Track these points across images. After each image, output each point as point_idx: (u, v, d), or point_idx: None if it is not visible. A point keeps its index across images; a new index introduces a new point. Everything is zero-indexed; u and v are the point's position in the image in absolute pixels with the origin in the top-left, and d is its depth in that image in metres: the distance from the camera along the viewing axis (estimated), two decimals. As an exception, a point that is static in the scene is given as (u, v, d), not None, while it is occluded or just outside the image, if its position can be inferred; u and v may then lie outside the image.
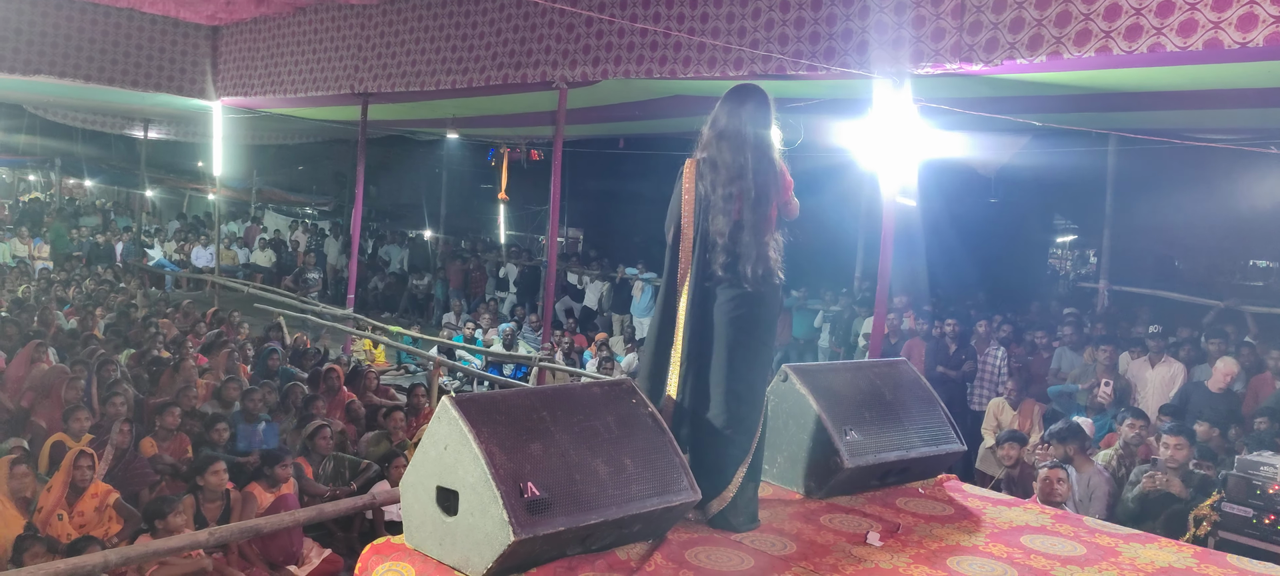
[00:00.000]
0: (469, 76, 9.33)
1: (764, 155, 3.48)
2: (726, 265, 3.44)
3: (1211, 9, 4.86)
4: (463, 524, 2.85)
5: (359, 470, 7.25)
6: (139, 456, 6.77)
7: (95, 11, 12.08)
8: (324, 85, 11.41)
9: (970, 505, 4.00)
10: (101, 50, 12.29)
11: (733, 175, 3.45)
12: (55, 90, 13.88)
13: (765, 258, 3.44)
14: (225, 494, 6.25)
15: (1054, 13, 5.41)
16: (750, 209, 3.43)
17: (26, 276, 14.59)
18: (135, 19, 12.42)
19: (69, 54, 12.04)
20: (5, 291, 13.04)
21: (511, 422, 2.98)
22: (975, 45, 5.78)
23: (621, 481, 3.04)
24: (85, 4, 11.94)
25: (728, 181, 3.45)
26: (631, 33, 7.81)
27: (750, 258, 3.42)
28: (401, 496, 3.12)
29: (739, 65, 7.07)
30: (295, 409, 8.10)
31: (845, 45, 6.43)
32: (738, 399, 3.49)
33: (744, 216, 3.44)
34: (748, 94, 3.55)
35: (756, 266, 3.43)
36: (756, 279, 3.43)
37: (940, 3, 5.91)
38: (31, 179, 28.26)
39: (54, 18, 11.85)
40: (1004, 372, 9.69)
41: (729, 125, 3.51)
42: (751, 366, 3.51)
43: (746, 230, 3.43)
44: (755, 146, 3.47)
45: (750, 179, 3.44)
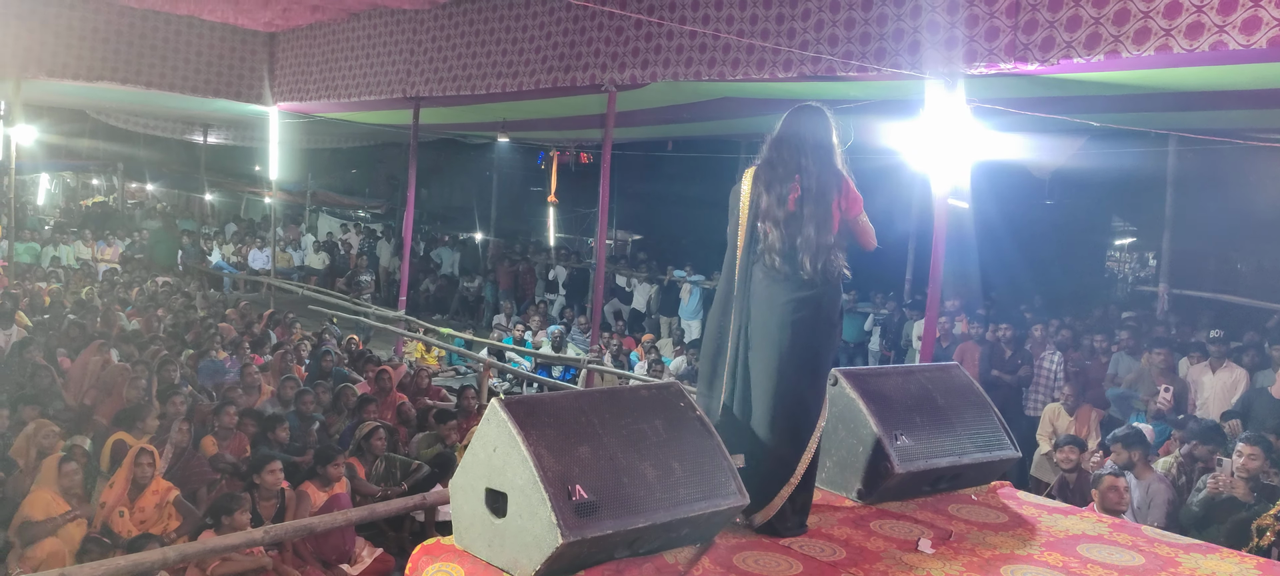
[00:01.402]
0: (519, 80, 9.39)
1: (823, 156, 3.47)
2: (784, 256, 3.40)
3: (1275, 5, 4.73)
4: (511, 526, 2.87)
5: (410, 471, 7.32)
6: (198, 454, 6.91)
7: (156, 19, 12.37)
8: (377, 89, 11.56)
9: (1025, 513, 3.93)
10: (162, 57, 12.57)
11: (789, 171, 3.45)
12: (118, 96, 14.25)
13: (825, 252, 3.38)
14: (280, 493, 6.35)
15: (1112, 11, 5.30)
16: (810, 202, 3.40)
17: (90, 278, 14.97)
18: (195, 26, 12.70)
19: (131, 60, 12.35)
20: (70, 293, 13.40)
21: (560, 425, 2.99)
22: (1031, 44, 5.69)
23: (669, 485, 3.04)
24: (147, 12, 12.23)
25: (783, 178, 3.45)
26: (680, 35, 7.80)
27: (809, 249, 3.37)
28: (451, 497, 3.15)
29: (788, 67, 7.03)
30: (348, 409, 8.21)
31: (896, 46, 6.37)
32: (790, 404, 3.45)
33: (803, 210, 3.40)
34: (807, 108, 3.58)
35: (815, 259, 3.37)
36: (814, 273, 3.37)
37: (994, 2, 5.82)
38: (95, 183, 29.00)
39: (116, 25, 12.16)
40: (1060, 378, 9.51)
41: (787, 133, 3.54)
42: (804, 370, 3.46)
43: (806, 223, 3.39)
44: (813, 147, 3.47)
45: (807, 176, 3.43)
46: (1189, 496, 6.24)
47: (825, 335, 3.50)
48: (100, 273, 15.91)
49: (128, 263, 17.37)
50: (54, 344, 9.42)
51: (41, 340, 9.29)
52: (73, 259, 16.68)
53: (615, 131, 9.47)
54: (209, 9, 11.99)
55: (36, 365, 8.23)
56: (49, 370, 8.20)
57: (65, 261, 16.20)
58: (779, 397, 3.44)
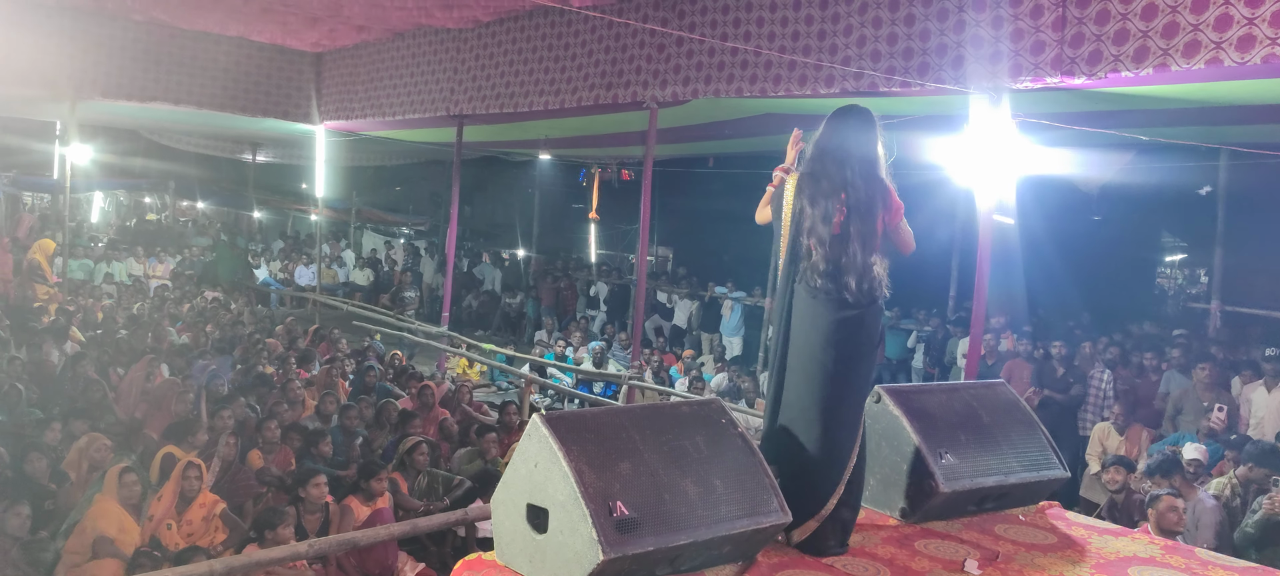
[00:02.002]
0: (561, 98, 9.45)
1: (868, 170, 3.40)
2: (828, 276, 3.34)
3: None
4: (552, 541, 2.87)
5: (452, 486, 7.35)
6: (245, 468, 7.00)
7: (207, 40, 12.64)
8: (421, 107, 11.69)
9: (1074, 534, 3.85)
10: (213, 77, 12.83)
11: (835, 185, 3.37)
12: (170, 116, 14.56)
13: (870, 272, 3.34)
14: (324, 506, 6.42)
15: (1161, 24, 5.22)
16: (857, 220, 3.34)
17: (142, 294, 15.28)
18: (244, 47, 12.95)
19: (183, 81, 12.61)
20: (122, 308, 13.68)
21: (600, 441, 2.98)
22: (1077, 58, 5.61)
23: (711, 502, 3.02)
24: (198, 33, 12.50)
25: (827, 194, 3.37)
26: (722, 52, 7.81)
27: (854, 270, 3.32)
28: (493, 513, 3.15)
29: (830, 83, 7.00)
30: (390, 424, 8.28)
31: (940, 61, 6.32)
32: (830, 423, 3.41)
33: (848, 228, 3.34)
34: (851, 111, 3.50)
35: (861, 281, 3.32)
36: (859, 293, 3.33)
37: (1040, 15, 5.75)
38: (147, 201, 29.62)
39: (168, 47, 12.44)
40: (1110, 396, 9.33)
41: (831, 141, 3.45)
42: (847, 388, 3.41)
43: (852, 242, 3.33)
44: (859, 161, 3.40)
45: (854, 192, 3.36)
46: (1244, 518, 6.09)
47: (867, 355, 3.45)
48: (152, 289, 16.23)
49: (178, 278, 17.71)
50: (106, 359, 9.61)
51: (94, 355, 9.48)
52: (125, 275, 17.04)
53: (657, 148, 9.48)
54: (258, 30, 12.22)
55: (89, 379, 8.40)
56: (101, 384, 8.36)
57: (118, 278, 16.55)
58: (820, 416, 3.40)
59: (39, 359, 9.32)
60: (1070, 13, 5.62)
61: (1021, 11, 5.85)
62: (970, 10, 6.12)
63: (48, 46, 11.57)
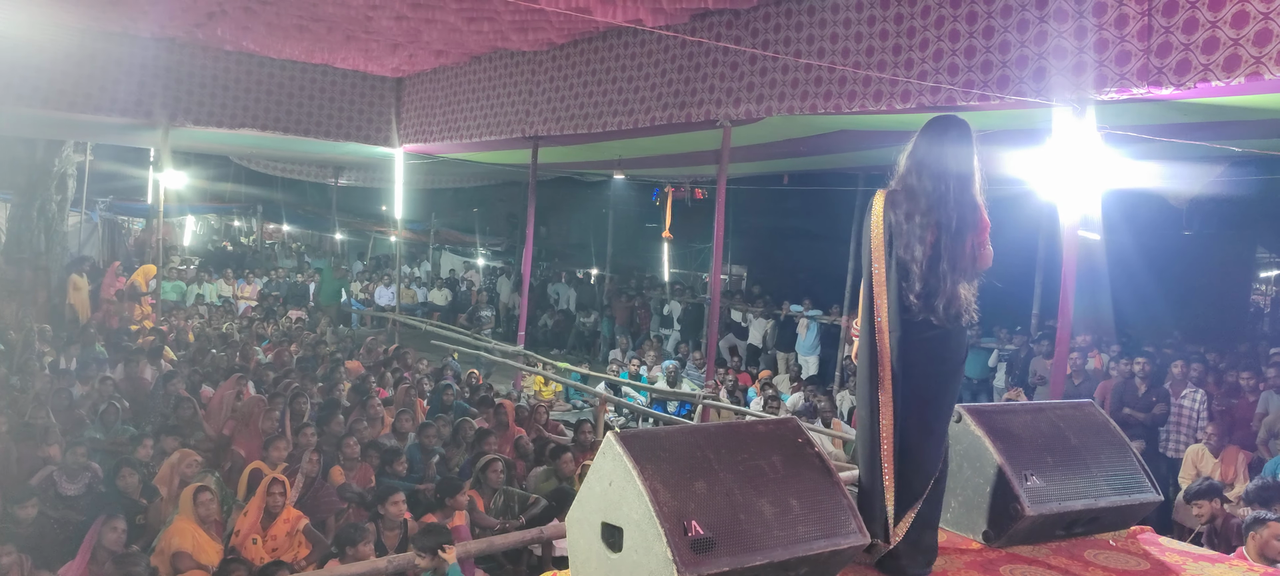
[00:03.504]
0: (635, 117, 9.49)
1: (962, 188, 3.28)
2: (921, 297, 3.25)
3: None
4: (627, 560, 2.86)
5: (527, 504, 7.39)
6: (327, 484, 7.15)
7: (293, 68, 13.04)
8: (497, 129, 11.86)
9: (1168, 560, 3.71)
10: (299, 105, 13.23)
11: (931, 204, 3.26)
12: (257, 142, 15.04)
13: (957, 295, 3.24)
14: (403, 523, 6.51)
15: (1253, 31, 5.03)
16: (949, 239, 3.24)
17: (231, 315, 15.76)
18: (328, 74, 13.33)
19: (270, 108, 13.03)
20: (212, 328, 14.12)
21: (675, 460, 2.97)
22: (1165, 68, 5.44)
23: (787, 522, 2.98)
24: (284, 62, 12.91)
25: (925, 210, 3.26)
26: (795, 69, 7.76)
27: (943, 293, 3.23)
28: (567, 531, 3.16)
29: (906, 98, 6.91)
30: (467, 443, 8.37)
31: (1020, 73, 6.18)
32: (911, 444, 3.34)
33: (941, 247, 3.25)
34: (949, 123, 3.37)
35: (949, 304, 3.24)
36: (947, 315, 3.25)
37: (1125, 25, 5.59)
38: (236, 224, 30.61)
39: (256, 75, 12.86)
40: (1203, 417, 8.99)
41: (928, 154, 3.32)
42: (930, 408, 3.33)
43: (943, 261, 3.23)
44: (955, 177, 3.28)
45: (949, 209, 3.25)
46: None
47: (951, 376, 3.37)
48: (240, 309, 16.72)
49: (264, 299, 18.22)
50: (197, 377, 9.93)
51: (185, 373, 9.80)
52: (215, 296, 17.60)
53: (730, 166, 9.45)
54: (341, 58, 12.56)
55: (180, 397, 8.67)
56: (191, 402, 8.63)
57: (208, 299, 17.10)
58: (899, 437, 3.34)
59: (134, 377, 9.66)
60: (1156, 21, 5.45)
61: (1105, 21, 5.69)
62: (1052, 21, 5.98)
63: (143, 77, 12.06)
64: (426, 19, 9.75)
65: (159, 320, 13.59)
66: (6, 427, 7.34)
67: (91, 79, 11.69)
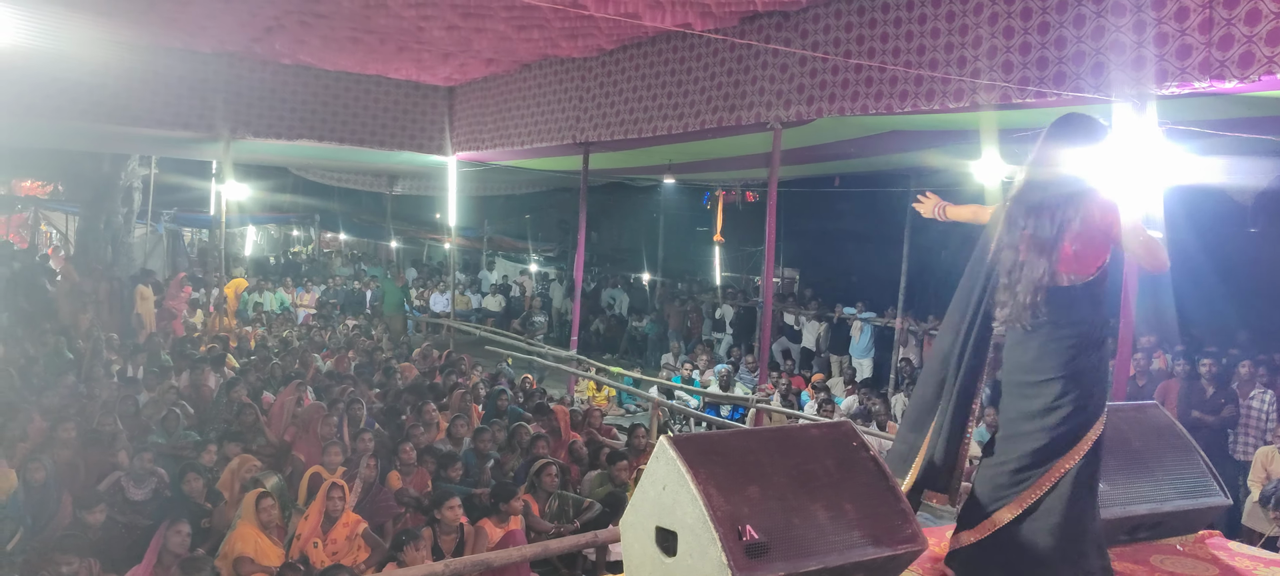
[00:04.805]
0: (685, 121, 9.49)
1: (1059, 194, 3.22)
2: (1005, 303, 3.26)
3: None
4: (681, 565, 2.86)
5: (582, 509, 7.42)
6: (385, 489, 7.24)
7: (348, 80, 13.26)
8: (548, 136, 11.93)
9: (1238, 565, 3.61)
10: (354, 115, 13.45)
11: (1028, 211, 3.25)
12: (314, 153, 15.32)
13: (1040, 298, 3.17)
14: (459, 527, 6.58)
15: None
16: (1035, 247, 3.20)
17: (290, 322, 16.06)
18: (382, 84, 13.53)
19: (326, 120, 13.26)
20: (273, 336, 14.40)
21: (729, 463, 2.97)
22: (1227, 61, 5.30)
23: (842, 526, 2.96)
24: (339, 73, 13.14)
25: (1023, 215, 3.26)
26: (846, 70, 7.70)
27: (1019, 300, 3.20)
28: (622, 535, 3.17)
29: (959, 97, 6.81)
30: (521, 448, 8.42)
31: (1077, 68, 6.07)
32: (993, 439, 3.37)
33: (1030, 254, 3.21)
34: (1060, 125, 3.33)
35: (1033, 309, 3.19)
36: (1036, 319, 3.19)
37: (1185, 17, 5.47)
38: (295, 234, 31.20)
39: (313, 87, 13.10)
40: (1273, 419, 8.73)
41: (1036, 159, 3.32)
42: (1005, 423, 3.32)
43: (1028, 270, 3.20)
44: (1053, 183, 3.24)
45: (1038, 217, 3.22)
46: None
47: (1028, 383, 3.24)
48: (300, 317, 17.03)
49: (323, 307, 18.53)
50: (258, 384, 10.13)
51: (248, 381, 10.00)
52: (276, 304, 17.94)
53: (781, 169, 9.40)
54: (394, 68, 12.75)
55: (242, 404, 8.85)
56: (253, 408, 8.80)
57: (268, 307, 17.43)
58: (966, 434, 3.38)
59: (198, 384, 9.88)
60: (1217, 14, 5.31)
61: (1165, 15, 5.57)
62: (1109, 16, 5.86)
63: (205, 91, 12.36)
64: (477, 28, 9.85)
65: (221, 328, 13.90)
66: (76, 435, 7.56)
67: (155, 94, 12.01)
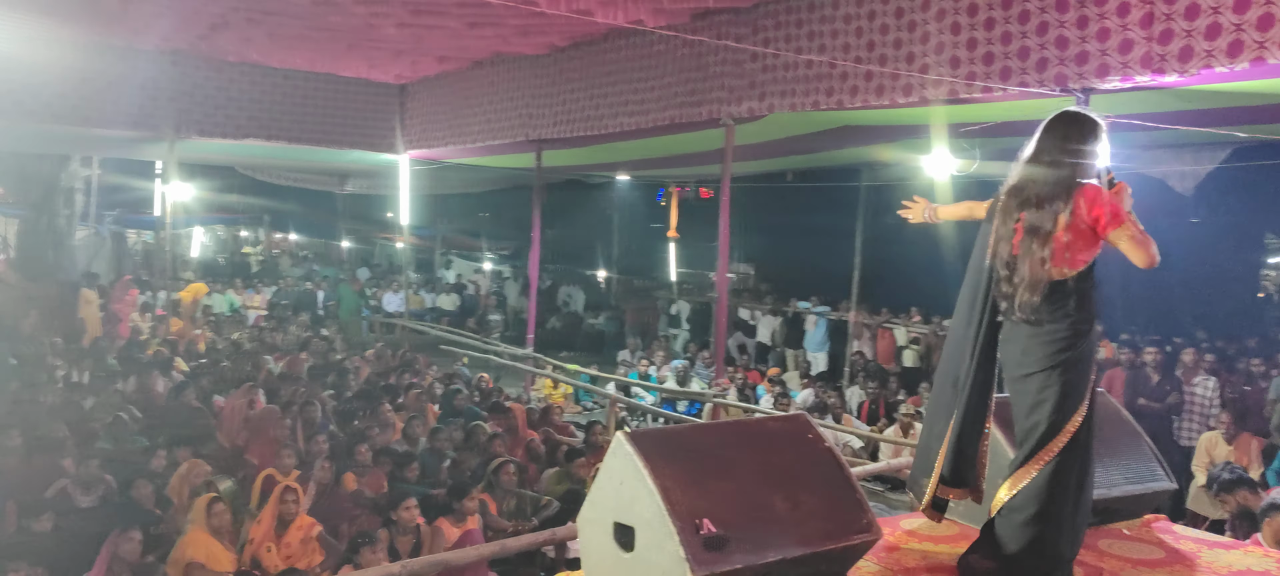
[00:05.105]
0: (638, 118, 9.51)
1: (1051, 186, 3.24)
2: (1004, 297, 3.29)
3: None
4: (639, 560, 2.86)
5: (540, 507, 7.41)
6: (340, 491, 7.17)
7: (297, 78, 13.08)
8: (501, 134, 11.88)
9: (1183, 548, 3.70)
10: (303, 113, 13.27)
11: (1021, 203, 3.29)
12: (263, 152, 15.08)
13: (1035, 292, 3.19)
14: (416, 528, 6.53)
15: (1255, 16, 5.01)
16: (1029, 240, 3.23)
17: (241, 324, 15.81)
18: (332, 82, 13.37)
19: (275, 118, 13.07)
20: (223, 338, 14.17)
21: (686, 457, 2.98)
22: (1167, 55, 5.43)
23: (798, 518, 2.99)
24: (288, 71, 12.95)
25: (1017, 208, 3.30)
26: (797, 65, 7.76)
27: (1019, 293, 3.22)
28: (579, 532, 3.17)
29: (908, 91, 6.90)
30: (478, 447, 8.39)
31: (1022, 63, 6.18)
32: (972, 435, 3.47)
33: (1022, 247, 3.24)
34: (1054, 122, 3.37)
35: (1026, 302, 3.22)
36: (1029, 313, 3.22)
37: (1127, 13, 5.59)
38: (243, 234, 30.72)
39: (261, 86, 12.91)
40: (1216, 405, 8.97)
41: (1035, 153, 3.34)
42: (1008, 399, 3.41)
43: (1022, 262, 3.23)
44: (1044, 179, 3.27)
45: (1031, 211, 3.25)
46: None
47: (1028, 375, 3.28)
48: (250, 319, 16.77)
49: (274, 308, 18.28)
50: (209, 388, 9.96)
51: (198, 384, 9.84)
52: (225, 306, 17.65)
53: (735, 165, 9.46)
54: (344, 66, 12.60)
55: (192, 408, 8.71)
56: (204, 412, 8.66)
57: (217, 310, 17.14)
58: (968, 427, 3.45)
59: (146, 389, 9.70)
60: (1158, 9, 5.44)
61: (1107, 10, 5.69)
62: (1053, 11, 5.97)
63: (149, 89, 12.11)
64: (428, 25, 9.77)
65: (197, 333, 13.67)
66: (21, 442, 7.38)
67: (99, 93, 11.74)
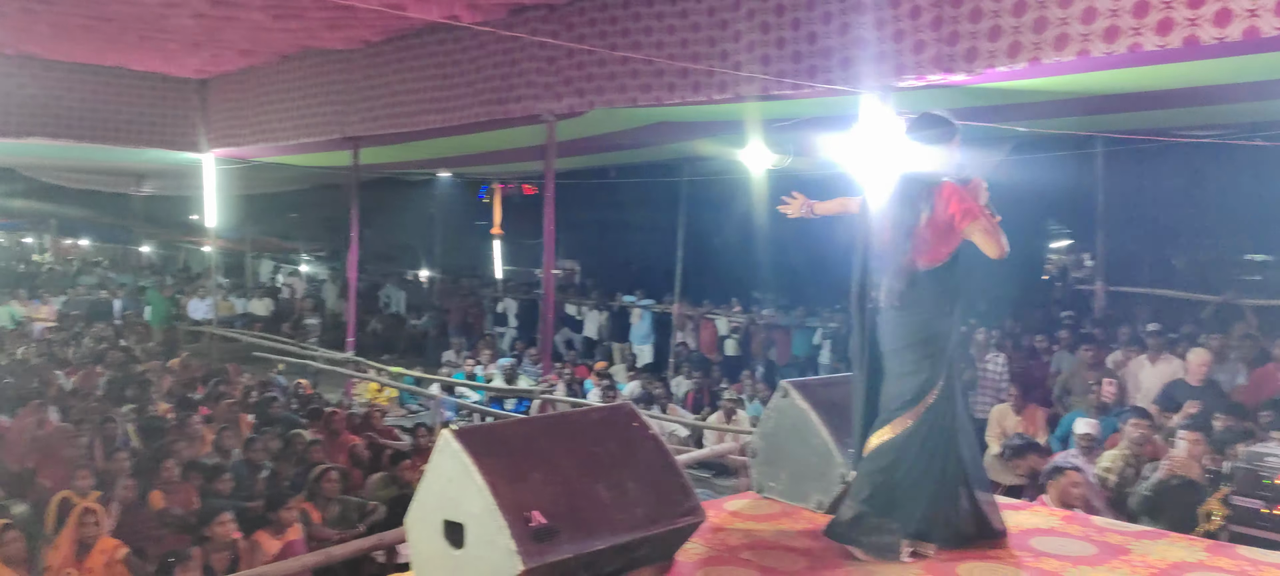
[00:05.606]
0: (457, 115, 9.39)
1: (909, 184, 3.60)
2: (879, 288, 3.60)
3: (1187, 6, 4.90)
4: (470, 556, 2.86)
5: (366, 513, 7.24)
6: (146, 510, 6.78)
7: (84, 72, 12.16)
8: (313, 131, 11.47)
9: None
10: (92, 110, 12.35)
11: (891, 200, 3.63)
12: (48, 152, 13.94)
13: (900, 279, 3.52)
14: (232, 543, 6.24)
15: (1031, 19, 5.46)
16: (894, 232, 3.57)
17: (26, 338, 14.58)
18: (123, 77, 12.49)
19: (61, 115, 12.11)
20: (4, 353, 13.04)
21: (513, 452, 2.99)
22: (955, 55, 5.83)
23: (626, 505, 3.06)
24: (73, 65, 12.02)
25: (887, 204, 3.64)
26: (614, 63, 7.87)
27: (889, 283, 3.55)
28: (407, 533, 3.13)
29: (723, 88, 7.12)
30: (298, 455, 8.10)
31: (827, 62, 6.48)
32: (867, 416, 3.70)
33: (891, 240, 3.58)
34: (912, 123, 3.71)
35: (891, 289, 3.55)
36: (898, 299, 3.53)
37: (919, 15, 5.96)
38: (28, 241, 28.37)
39: (43, 80, 11.93)
40: (1005, 378, 9.69)
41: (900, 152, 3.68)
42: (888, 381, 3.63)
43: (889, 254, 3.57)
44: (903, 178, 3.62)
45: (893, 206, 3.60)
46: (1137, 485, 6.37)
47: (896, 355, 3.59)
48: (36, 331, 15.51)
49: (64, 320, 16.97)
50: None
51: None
52: (7, 319, 16.24)
53: (557, 161, 9.49)
54: (136, 59, 11.81)
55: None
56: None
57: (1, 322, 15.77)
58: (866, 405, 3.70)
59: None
60: (946, 12, 5.83)
61: (901, 12, 6.05)
62: (853, 13, 6.30)
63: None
64: (228, 17, 9.30)
65: None
66: None
67: None
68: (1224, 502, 5.74)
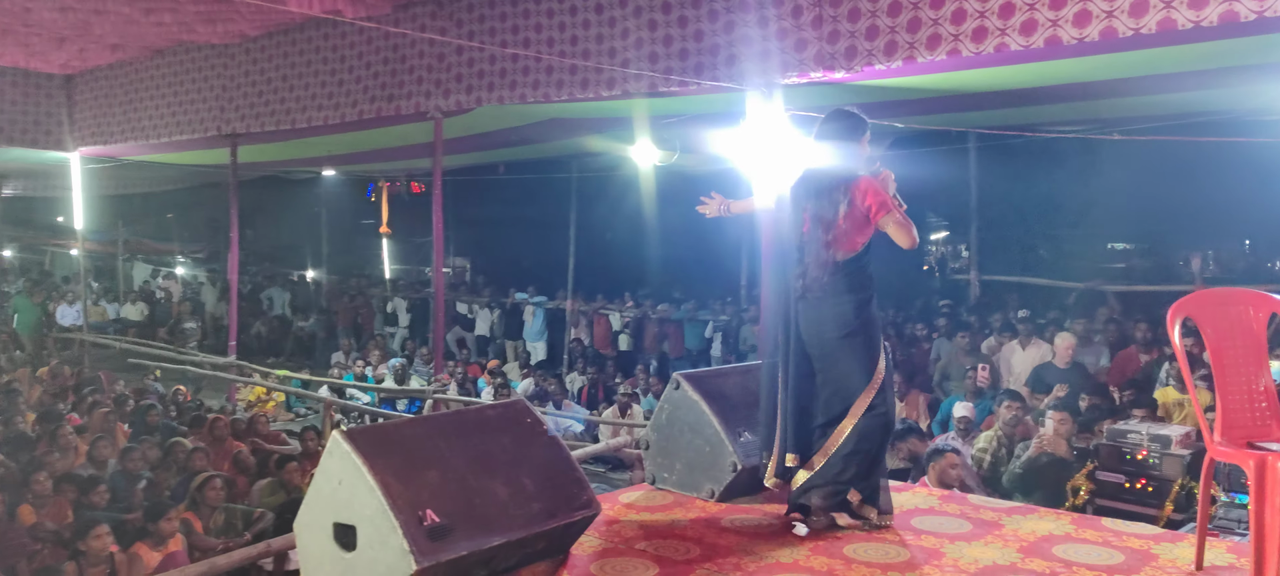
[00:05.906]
0: (341, 111, 9.20)
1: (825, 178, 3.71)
2: (797, 276, 3.70)
3: (1049, 8, 5.19)
4: (362, 558, 2.83)
5: (252, 520, 7.04)
6: (15, 526, 6.45)
7: (-64, 66, 11.47)
8: (188, 128, 11.07)
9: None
10: (-56, 106, 11.65)
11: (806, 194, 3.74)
12: (-106, 151, 13.09)
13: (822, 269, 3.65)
14: (109, 557, 6.00)
15: (905, 20, 5.68)
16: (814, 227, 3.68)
17: None
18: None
19: (-92, 112, 11.40)
20: None
21: (406, 452, 2.97)
22: (836, 54, 6.02)
23: (521, 501, 3.07)
24: (-76, 59, 11.32)
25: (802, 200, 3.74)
26: (502, 59, 7.84)
27: (811, 268, 3.66)
28: (297, 537, 3.08)
29: (612, 85, 7.18)
30: (178, 464, 7.82)
31: (714, 60, 6.60)
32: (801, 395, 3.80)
33: (810, 233, 3.69)
34: (825, 119, 3.81)
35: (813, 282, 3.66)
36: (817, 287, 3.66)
37: (800, 15, 6.13)
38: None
39: (-110, 74, 11.20)
40: (889, 366, 10.01)
41: (814, 148, 3.77)
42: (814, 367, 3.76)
43: (809, 246, 3.69)
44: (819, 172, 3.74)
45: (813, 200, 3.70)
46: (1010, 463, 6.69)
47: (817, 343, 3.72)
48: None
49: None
50: None
51: None
52: None
53: (445, 158, 9.39)
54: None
55: None
56: None
57: None
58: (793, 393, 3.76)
59: None
60: (826, 11, 6.02)
61: (784, 11, 6.21)
62: (738, 11, 6.43)
63: None
64: (95, 10, 8.89)
65: None
66: None
67: None
68: (1090, 477, 6.10)
